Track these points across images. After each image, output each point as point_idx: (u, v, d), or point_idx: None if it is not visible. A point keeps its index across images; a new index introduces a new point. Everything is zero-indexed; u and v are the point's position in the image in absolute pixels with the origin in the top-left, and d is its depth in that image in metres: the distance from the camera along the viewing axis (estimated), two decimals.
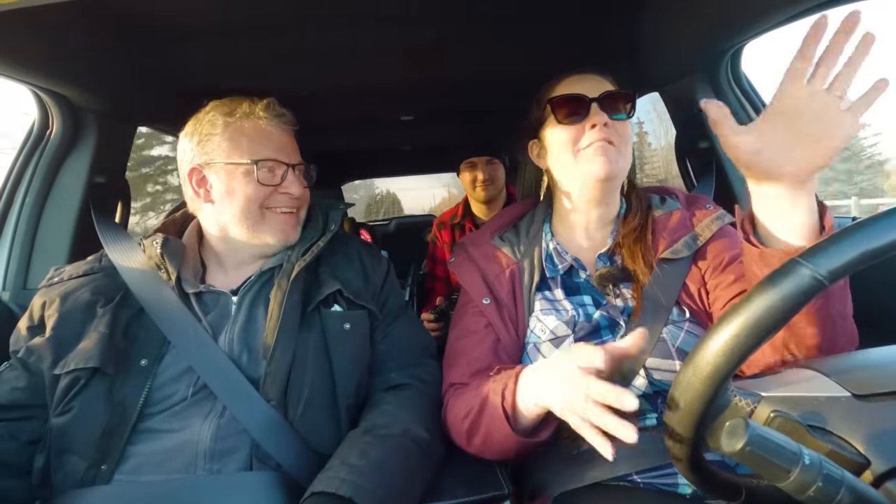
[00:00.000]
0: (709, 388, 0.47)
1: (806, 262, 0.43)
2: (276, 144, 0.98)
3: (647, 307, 0.87)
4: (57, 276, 0.95)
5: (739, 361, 0.45)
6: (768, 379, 0.56)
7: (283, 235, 0.99)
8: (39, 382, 0.84)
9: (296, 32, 1.20)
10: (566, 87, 0.96)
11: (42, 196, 1.28)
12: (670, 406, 0.52)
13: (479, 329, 0.97)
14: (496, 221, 1.12)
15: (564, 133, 0.94)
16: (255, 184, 0.94)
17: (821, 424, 0.49)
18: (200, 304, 0.94)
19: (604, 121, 0.90)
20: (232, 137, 0.95)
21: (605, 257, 0.97)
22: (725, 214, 0.96)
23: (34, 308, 0.90)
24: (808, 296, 0.43)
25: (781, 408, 0.50)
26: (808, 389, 0.52)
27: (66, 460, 0.80)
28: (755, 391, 0.52)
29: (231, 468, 0.81)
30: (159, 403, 0.84)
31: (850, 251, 0.43)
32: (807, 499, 0.41)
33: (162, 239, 0.96)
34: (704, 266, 0.90)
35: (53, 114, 1.25)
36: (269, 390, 0.86)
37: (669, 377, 0.83)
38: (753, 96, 1.43)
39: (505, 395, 0.76)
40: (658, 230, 0.95)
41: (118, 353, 0.85)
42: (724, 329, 0.46)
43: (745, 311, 0.45)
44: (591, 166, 0.91)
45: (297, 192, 0.99)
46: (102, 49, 1.10)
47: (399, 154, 3.30)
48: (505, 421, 0.75)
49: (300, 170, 1.02)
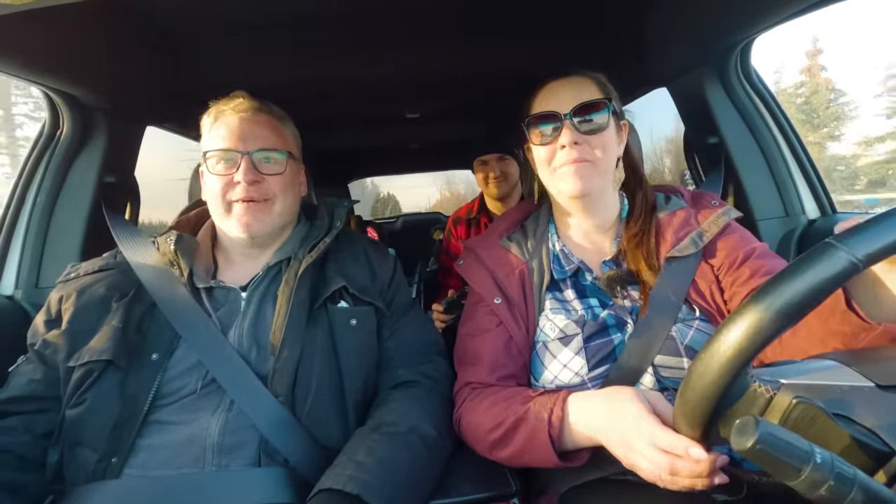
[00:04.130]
0: (729, 370, 0.46)
1: (842, 244, 0.42)
2: (232, 133, 0.96)
3: (654, 306, 0.87)
4: (73, 272, 0.97)
5: (764, 344, 0.44)
6: (788, 367, 0.54)
7: (245, 227, 0.95)
8: (55, 375, 0.86)
9: (302, 30, 1.20)
10: (544, 97, 0.96)
11: (53, 195, 1.29)
12: (686, 386, 0.50)
13: (493, 328, 0.97)
14: (502, 223, 1.12)
15: (540, 151, 0.96)
16: (212, 175, 0.96)
17: (845, 413, 0.47)
18: (211, 299, 0.95)
19: (573, 139, 0.90)
20: (208, 135, 0.99)
21: (610, 264, 0.97)
22: (731, 210, 0.95)
23: (52, 302, 0.92)
24: (842, 279, 0.42)
25: (803, 395, 0.48)
26: (830, 378, 0.51)
27: (78, 453, 0.82)
28: (775, 378, 0.51)
29: (239, 463, 0.82)
30: (169, 396, 0.85)
31: (887, 234, 0.42)
32: (818, 497, 0.41)
33: (176, 236, 0.98)
34: (717, 263, 0.90)
35: (64, 114, 1.27)
36: (277, 386, 0.87)
37: (678, 374, 0.83)
38: (763, 91, 1.42)
39: (552, 421, 0.76)
40: (663, 229, 0.94)
41: (131, 346, 0.87)
42: (750, 311, 0.44)
43: (776, 292, 0.43)
44: (564, 186, 0.93)
45: (246, 179, 0.93)
46: (112, 50, 1.11)
47: (406, 151, 3.30)
48: (549, 445, 0.75)
49: (275, 157, 0.98)
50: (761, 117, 1.41)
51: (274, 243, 1.04)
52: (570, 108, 0.91)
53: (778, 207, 1.40)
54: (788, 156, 1.41)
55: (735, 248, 0.89)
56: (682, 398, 0.53)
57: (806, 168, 1.42)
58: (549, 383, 0.89)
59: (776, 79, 31.94)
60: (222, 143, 0.95)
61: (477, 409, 0.88)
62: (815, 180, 1.42)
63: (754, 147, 1.41)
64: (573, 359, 0.88)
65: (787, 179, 1.39)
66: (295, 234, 1.07)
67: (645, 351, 0.84)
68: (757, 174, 1.41)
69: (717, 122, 1.41)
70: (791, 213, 1.38)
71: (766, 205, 1.40)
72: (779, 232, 1.37)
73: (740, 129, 1.41)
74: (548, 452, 0.75)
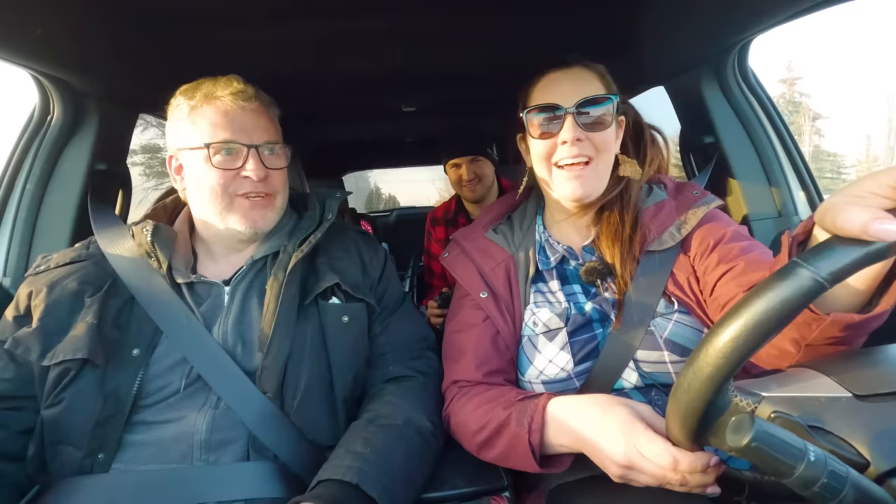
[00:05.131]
0: (709, 389, 0.47)
1: (806, 263, 0.43)
2: (236, 125, 0.90)
3: (633, 301, 0.86)
4: (44, 264, 0.92)
5: (740, 362, 0.45)
6: (769, 379, 0.55)
7: (251, 222, 0.92)
8: (27, 373, 0.82)
9: (298, 21, 1.19)
10: (545, 87, 0.92)
11: (43, 182, 1.27)
12: (671, 406, 0.52)
13: (479, 322, 0.96)
14: (488, 214, 1.11)
15: (539, 145, 0.91)
16: (214, 169, 0.88)
17: (821, 425, 0.48)
18: (193, 294, 0.92)
19: (576, 136, 0.86)
20: (194, 121, 0.90)
21: (589, 248, 0.96)
22: (712, 199, 0.93)
23: (20, 297, 0.88)
24: (808, 298, 0.43)
25: (782, 408, 0.50)
26: (808, 389, 0.52)
27: (60, 450, 0.80)
28: (756, 391, 0.52)
29: (228, 459, 0.81)
30: (153, 395, 0.83)
31: (851, 253, 0.42)
32: (811, 495, 0.41)
33: (152, 226, 0.92)
34: (692, 253, 0.89)
35: (54, 99, 1.24)
36: (265, 383, 0.86)
37: (659, 369, 0.83)
38: (759, 92, 1.42)
39: (532, 428, 0.75)
40: (645, 222, 0.93)
41: (108, 343, 0.83)
42: (724, 330, 0.45)
43: (746, 313, 0.44)
44: (563, 190, 0.91)
45: (257, 175, 0.90)
46: (104, 34, 1.09)
47: (401, 145, 3.29)
48: (530, 454, 0.75)
49: (277, 150, 0.95)
50: (757, 118, 1.41)
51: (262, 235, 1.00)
52: (573, 101, 0.87)
53: (771, 207, 1.41)
54: (783, 156, 1.42)
55: (707, 235, 0.88)
56: (669, 413, 0.54)
57: (799, 169, 1.43)
58: (535, 378, 0.89)
59: (772, 79, 32.96)
60: (224, 134, 0.89)
61: (463, 410, 0.88)
62: (809, 181, 1.43)
63: (749, 147, 1.42)
64: (558, 354, 0.88)
65: (781, 180, 1.40)
66: (282, 225, 1.02)
67: (626, 346, 0.84)
68: (751, 174, 1.41)
69: (713, 121, 1.41)
70: (784, 214, 1.39)
71: (759, 204, 1.40)
72: (772, 232, 1.38)
73: (736, 129, 1.42)
74: (528, 460, 0.75)
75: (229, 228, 0.93)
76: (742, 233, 0.88)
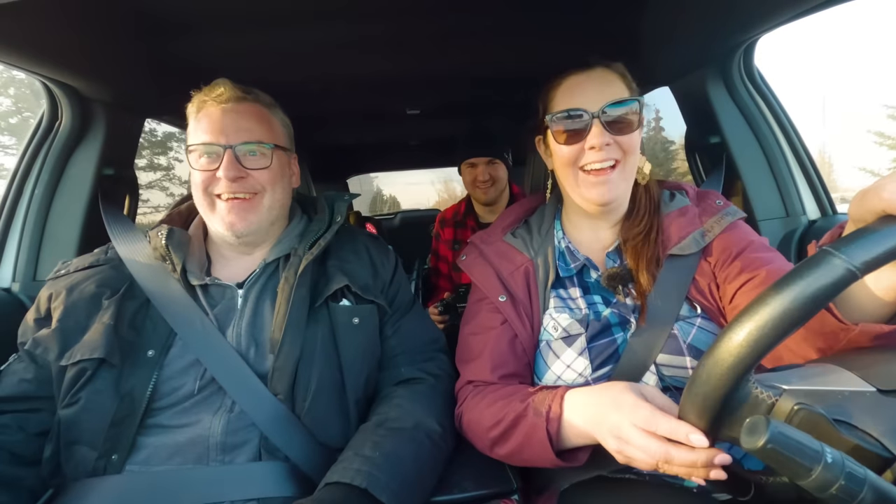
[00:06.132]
0: (729, 380, 0.46)
1: (838, 252, 0.42)
2: (214, 126, 0.92)
3: (656, 305, 0.86)
4: (63, 269, 0.95)
5: (762, 353, 0.44)
6: (790, 372, 0.54)
7: (227, 225, 0.92)
8: (46, 374, 0.85)
9: (303, 26, 1.19)
10: (568, 91, 0.91)
11: (51, 187, 1.28)
12: (686, 397, 0.51)
13: (496, 325, 0.95)
14: (506, 218, 1.10)
15: (564, 150, 0.90)
16: (196, 171, 0.92)
17: (846, 419, 0.47)
18: (207, 296, 0.93)
19: (605, 142, 0.86)
20: (191, 126, 0.95)
21: (613, 255, 0.96)
22: (736, 210, 0.94)
23: (41, 300, 0.91)
24: (838, 287, 0.42)
25: (805, 401, 0.49)
26: (831, 384, 0.51)
27: (75, 451, 0.81)
28: (777, 384, 0.51)
29: (241, 460, 0.82)
30: (167, 397, 0.84)
31: (884, 242, 0.41)
32: (829, 497, 0.41)
33: (167, 230, 0.95)
34: (713, 260, 0.89)
35: (63, 105, 1.25)
36: (276, 385, 0.86)
37: (680, 373, 0.83)
38: (766, 91, 1.42)
39: (550, 417, 0.75)
40: (666, 227, 0.93)
41: (124, 344, 0.85)
42: (748, 320, 0.44)
43: (773, 302, 0.43)
44: (589, 194, 0.90)
45: (227, 175, 0.90)
46: (111, 41, 1.10)
47: (406, 148, 3.29)
48: (547, 443, 0.74)
49: (261, 150, 0.94)
50: (763, 118, 1.40)
51: (267, 239, 1.01)
52: (599, 105, 0.85)
53: (779, 208, 1.40)
54: (790, 156, 1.41)
55: (730, 244, 0.88)
56: (686, 402, 0.53)
57: (807, 169, 1.42)
58: (552, 383, 0.89)
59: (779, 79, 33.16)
60: (204, 137, 0.91)
61: (478, 407, 0.87)
62: (816, 181, 1.42)
63: (756, 147, 1.41)
64: (577, 359, 0.87)
65: (789, 180, 1.39)
66: (292, 228, 1.04)
67: (647, 350, 0.83)
68: (758, 174, 1.41)
69: (719, 121, 1.41)
70: (792, 214, 1.39)
71: (767, 205, 1.40)
72: (780, 232, 1.38)
73: (742, 130, 1.41)
74: (545, 450, 0.74)
75: (214, 230, 0.96)
76: (764, 243, 0.89)
